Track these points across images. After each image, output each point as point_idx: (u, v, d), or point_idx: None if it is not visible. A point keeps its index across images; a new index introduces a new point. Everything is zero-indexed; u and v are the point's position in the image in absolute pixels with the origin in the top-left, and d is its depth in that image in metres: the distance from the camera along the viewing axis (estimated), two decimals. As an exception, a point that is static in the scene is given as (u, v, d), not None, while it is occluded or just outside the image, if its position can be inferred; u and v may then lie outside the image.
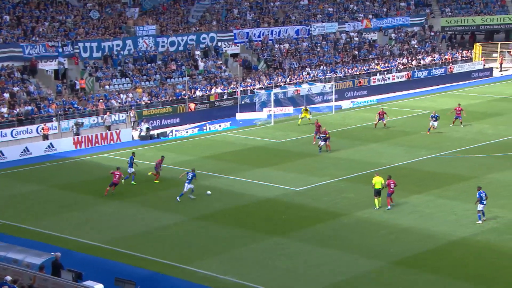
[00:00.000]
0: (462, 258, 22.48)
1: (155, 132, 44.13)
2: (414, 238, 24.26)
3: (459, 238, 24.08)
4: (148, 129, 43.62)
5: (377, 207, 27.31)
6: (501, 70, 69.55)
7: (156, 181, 32.16)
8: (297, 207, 28.18)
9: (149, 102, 48.84)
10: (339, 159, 36.13)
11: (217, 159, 36.85)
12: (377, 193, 27.39)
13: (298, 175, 32.93)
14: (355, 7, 72.40)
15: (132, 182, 31.92)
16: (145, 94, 49.41)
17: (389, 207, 27.49)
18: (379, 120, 42.85)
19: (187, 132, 44.59)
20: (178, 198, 29.12)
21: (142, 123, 44.16)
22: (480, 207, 25.66)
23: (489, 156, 35.60)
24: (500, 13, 75.60)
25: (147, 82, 51.32)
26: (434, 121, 40.63)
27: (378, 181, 27.51)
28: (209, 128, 45.58)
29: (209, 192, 29.86)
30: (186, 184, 29.13)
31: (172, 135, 43.81)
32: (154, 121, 46.26)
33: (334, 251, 23.30)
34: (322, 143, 37.13)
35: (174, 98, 50.03)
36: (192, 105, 49.34)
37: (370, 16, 71.69)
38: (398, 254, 22.87)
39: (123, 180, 31.20)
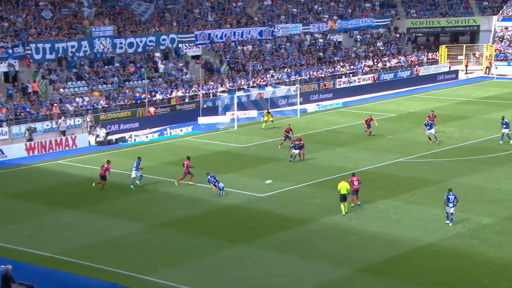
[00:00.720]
0: (428, 264, 22.72)
1: (113, 137, 43.59)
2: (381, 245, 24.44)
3: (426, 244, 24.35)
4: (107, 134, 43.10)
5: (344, 213, 27.51)
6: (466, 73, 70.91)
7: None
8: (262, 214, 28.13)
9: (106, 106, 48.27)
10: (305, 164, 36.22)
11: (179, 165, 36.54)
12: (343, 198, 27.58)
13: (263, 181, 32.89)
14: (319, 8, 72.96)
15: (132, 187, 32.11)
16: (102, 97, 48.82)
17: (352, 204, 27.78)
18: (368, 128, 41.46)
19: (147, 137, 44.17)
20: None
21: (98, 128, 43.59)
22: (447, 209, 26.15)
23: (455, 160, 36.18)
24: (464, 15, 77.15)
25: (104, 85, 50.72)
26: (429, 129, 39.32)
27: (343, 186, 27.66)
28: (170, 132, 45.25)
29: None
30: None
31: (131, 140, 43.34)
32: (112, 126, 45.73)
33: (300, 259, 23.31)
34: (296, 151, 35.88)
35: (133, 101, 49.55)
36: (152, 109, 48.93)
37: (335, 17, 72.34)
38: (365, 261, 23.00)
39: (138, 181, 32.29)
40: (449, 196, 26.15)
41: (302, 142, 36.47)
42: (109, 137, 43.09)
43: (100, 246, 24.84)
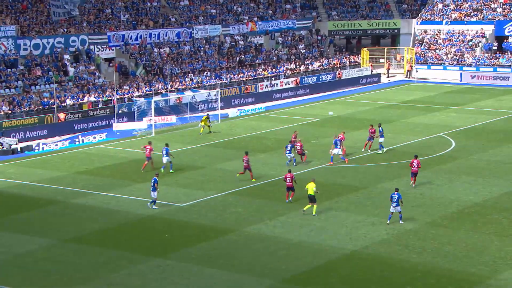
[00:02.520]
0: (353, 273, 23.23)
1: (18, 146, 42.28)
2: (305, 254, 24.79)
3: (350, 252, 24.89)
4: (16, 142, 41.88)
5: (304, 210, 28.69)
6: (388, 76, 73.12)
7: None
8: (181, 224, 27.97)
9: (10, 112, 46.78)
10: (226, 171, 36.31)
11: (92, 175, 35.88)
12: (310, 199, 28.66)
13: (181, 190, 32.72)
14: (239, 9, 73.43)
15: (171, 170, 35.35)
16: (5, 103, 47.28)
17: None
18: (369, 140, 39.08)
19: (56, 145, 43.10)
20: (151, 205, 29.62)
21: (2, 136, 42.23)
22: (391, 208, 27.36)
23: (378, 165, 37.17)
24: (385, 18, 79.63)
25: (7, 90, 49.13)
26: (381, 137, 38.69)
27: (311, 187, 28.72)
28: (82, 140, 44.33)
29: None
30: (152, 192, 29.41)
31: (38, 149, 42.17)
32: (17, 134, 44.36)
33: (221, 271, 23.31)
34: (291, 155, 36.06)
35: (41, 107, 48.23)
36: (61, 115, 47.81)
37: (256, 19, 73.01)
38: (289, 271, 23.26)
39: (162, 169, 34.73)
40: (393, 196, 27.34)
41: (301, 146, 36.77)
42: (13, 146, 41.75)
43: (4, 265, 23.97)
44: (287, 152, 36.85)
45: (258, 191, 32.50)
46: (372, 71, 72.30)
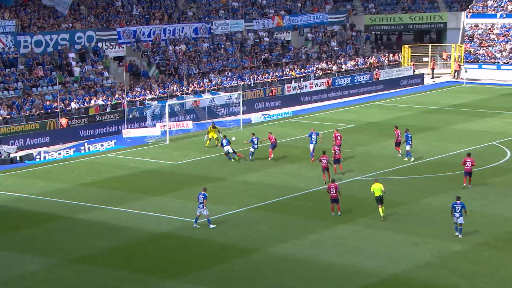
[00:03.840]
0: (394, 298, 23.16)
1: (18, 154, 42.82)
2: (338, 277, 24.73)
3: (390, 276, 24.78)
4: (15, 150, 42.42)
5: (383, 216, 30.01)
6: (433, 77, 72.81)
7: None
8: (198, 243, 28.09)
9: (8, 116, 47.41)
10: (250, 183, 36.38)
11: (99, 187, 36.19)
12: (379, 200, 29.98)
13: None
14: (264, 2, 73.74)
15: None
16: (3, 106, 47.95)
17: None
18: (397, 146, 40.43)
19: (59, 153, 43.55)
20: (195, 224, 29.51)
21: (0, 144, 42.80)
22: (454, 219, 27.75)
23: (421, 177, 37.00)
24: (430, 10, 79.29)
25: (5, 92, 49.83)
26: (407, 145, 39.30)
27: (377, 188, 30.16)
28: (89, 148, 44.76)
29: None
30: (198, 209, 29.27)
31: (40, 158, 42.66)
32: (17, 141, 44.93)
33: (244, 295, 23.37)
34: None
35: (43, 111, 48.83)
36: (65, 120, 48.33)
37: (282, 13, 73.26)
38: (320, 297, 23.24)
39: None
40: (455, 205, 27.57)
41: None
42: (12, 155, 42.30)
43: (3, 287, 24.29)
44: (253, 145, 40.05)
45: (285, 206, 32.54)
46: (414, 71, 72.09)
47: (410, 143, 39.65)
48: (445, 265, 25.56)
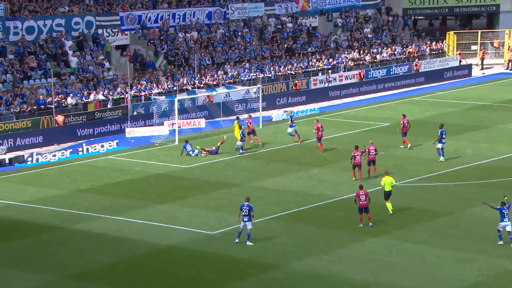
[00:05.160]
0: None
1: (7, 156, 43.16)
2: (371, 297, 24.76)
3: (431, 296, 24.78)
4: (4, 152, 42.77)
5: (390, 212, 31.92)
6: (482, 68, 72.43)
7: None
8: (211, 257, 28.18)
9: (-3, 113, 47.79)
10: (269, 190, 36.44)
11: (99, 194, 36.39)
12: (388, 196, 31.94)
13: (211, 214, 32.97)
14: (287, -18, 73.73)
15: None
16: (-9, 101, 48.35)
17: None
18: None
19: (54, 156, 43.85)
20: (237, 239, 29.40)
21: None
22: (500, 224, 28.43)
23: (468, 184, 36.85)
24: (479, -8, 78.80)
25: (-7, 85, 50.26)
26: (439, 142, 40.41)
27: (388, 182, 32.04)
28: (87, 149, 45.00)
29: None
30: (242, 222, 29.09)
31: (32, 161, 42.96)
32: (6, 141, 45.27)
33: (263, 318, 23.46)
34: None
35: (35, 107, 49.13)
36: (61, 118, 48.61)
37: (308, -5, 73.19)
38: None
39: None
40: (502, 210, 28.19)
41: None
42: (0, 157, 42.58)
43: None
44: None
45: (310, 216, 32.56)
46: (460, 61, 71.74)
47: (444, 141, 40.19)
48: (495, 285, 25.44)
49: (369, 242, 29.38)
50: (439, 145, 40.37)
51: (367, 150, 37.82)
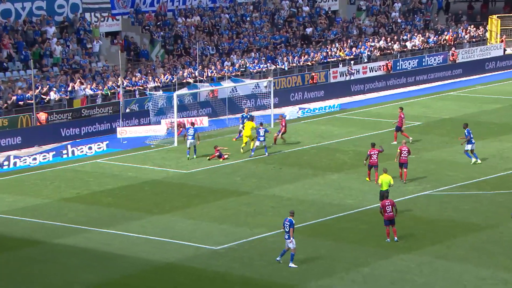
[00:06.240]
0: None
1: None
2: (400, 323, 24.74)
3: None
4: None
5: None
6: (529, 58, 72.26)
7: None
8: (215, 276, 28.15)
9: (-31, 110, 47.91)
10: (282, 199, 36.43)
11: (86, 203, 36.43)
12: (384, 196, 32.58)
13: (217, 226, 32.96)
14: (303, -41, 73.75)
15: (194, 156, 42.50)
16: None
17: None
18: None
19: (35, 159, 43.91)
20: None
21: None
22: None
23: (512, 192, 36.85)
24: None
25: (-36, 78, 50.39)
26: (468, 144, 40.87)
27: (386, 180, 33.41)
28: (73, 152, 45.05)
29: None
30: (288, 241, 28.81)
31: (8, 165, 43.04)
32: (-20, 142, 45.49)
33: None
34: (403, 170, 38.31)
35: (13, 103, 49.19)
36: (43, 115, 48.66)
37: (328, -26, 73.16)
38: None
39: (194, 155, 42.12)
40: None
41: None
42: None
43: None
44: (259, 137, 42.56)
45: (329, 229, 32.54)
46: (505, 50, 71.56)
47: (473, 141, 40.68)
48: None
49: (398, 259, 29.30)
50: (468, 146, 40.74)
51: (398, 150, 37.97)
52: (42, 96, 50.09)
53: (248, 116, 46.16)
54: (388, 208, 30.56)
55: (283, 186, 38.23)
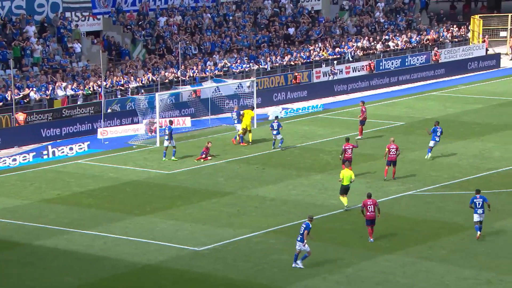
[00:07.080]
0: None
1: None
2: (384, 324, 24.77)
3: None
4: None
5: (346, 206, 33.97)
6: (512, 58, 72.53)
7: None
8: (198, 278, 28.11)
9: None
10: (266, 199, 36.43)
11: (67, 204, 36.31)
12: (345, 190, 33.99)
13: (200, 227, 32.92)
14: (286, -41, 73.77)
15: (164, 158, 42.47)
16: None
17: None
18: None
19: (14, 160, 43.76)
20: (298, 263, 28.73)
21: None
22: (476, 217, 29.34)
23: (496, 192, 36.85)
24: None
25: None
26: (432, 140, 41.71)
27: (347, 175, 34.18)
28: (54, 153, 44.90)
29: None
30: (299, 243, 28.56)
31: (-11, 166, 42.94)
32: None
33: None
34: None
35: (-7, 103, 49.06)
36: (21, 116, 48.50)
37: (310, -27, 73.21)
38: None
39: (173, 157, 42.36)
40: (475, 200, 29.79)
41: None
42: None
43: None
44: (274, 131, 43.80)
45: (312, 230, 32.39)
46: (487, 50, 71.75)
47: (437, 139, 41.47)
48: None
49: (382, 260, 29.35)
50: (431, 143, 41.66)
51: (387, 149, 38.18)
52: (21, 96, 49.83)
53: (241, 113, 46.60)
54: (370, 208, 30.58)
55: (267, 186, 38.24)
